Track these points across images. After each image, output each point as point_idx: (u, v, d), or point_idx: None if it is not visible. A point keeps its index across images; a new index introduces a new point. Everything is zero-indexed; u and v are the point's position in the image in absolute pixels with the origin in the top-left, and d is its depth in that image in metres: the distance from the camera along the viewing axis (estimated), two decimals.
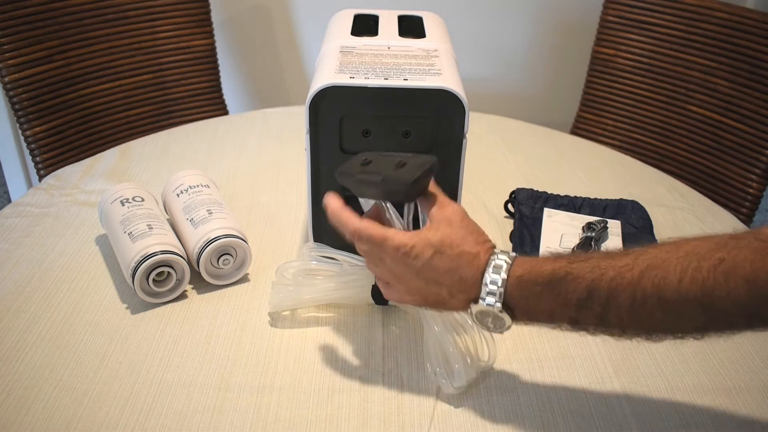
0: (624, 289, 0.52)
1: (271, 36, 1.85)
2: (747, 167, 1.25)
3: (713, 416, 0.65)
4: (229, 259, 0.79)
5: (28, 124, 1.27)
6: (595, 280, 0.53)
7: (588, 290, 0.54)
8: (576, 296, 0.54)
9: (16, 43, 1.23)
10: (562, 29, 1.82)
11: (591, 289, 0.53)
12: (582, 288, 0.54)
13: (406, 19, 0.91)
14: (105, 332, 0.72)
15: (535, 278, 0.56)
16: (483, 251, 0.58)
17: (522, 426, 0.63)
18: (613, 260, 0.54)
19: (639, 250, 0.54)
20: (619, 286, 0.53)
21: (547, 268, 0.56)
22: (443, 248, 0.58)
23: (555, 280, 0.55)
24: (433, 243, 0.58)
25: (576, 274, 0.54)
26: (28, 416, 0.62)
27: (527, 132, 1.24)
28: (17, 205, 0.95)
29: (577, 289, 0.54)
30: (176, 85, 1.46)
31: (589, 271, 0.54)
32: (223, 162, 1.09)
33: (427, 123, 0.73)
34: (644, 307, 0.52)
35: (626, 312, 0.53)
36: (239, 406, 0.64)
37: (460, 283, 0.58)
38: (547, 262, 0.57)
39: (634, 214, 0.92)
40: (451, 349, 0.65)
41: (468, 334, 0.68)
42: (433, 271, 0.59)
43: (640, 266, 0.52)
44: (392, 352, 0.71)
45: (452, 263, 0.58)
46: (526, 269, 0.57)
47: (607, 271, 0.53)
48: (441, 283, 0.59)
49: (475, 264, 0.58)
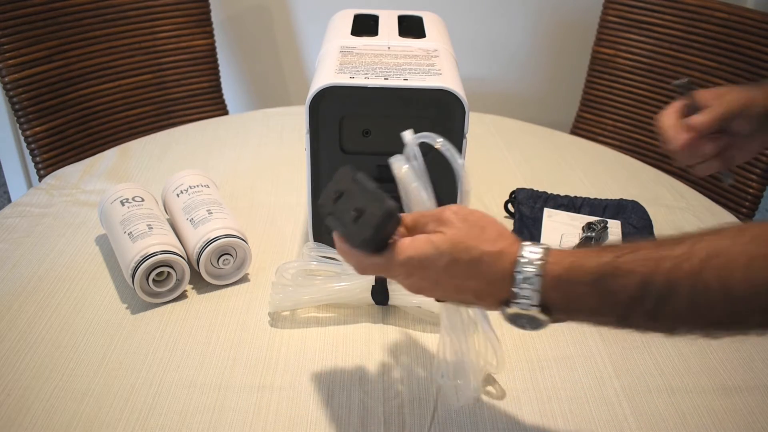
0: (682, 283, 0.47)
1: (271, 36, 1.85)
2: (747, 167, 1.25)
3: (713, 416, 0.65)
4: (229, 259, 0.79)
5: (28, 124, 1.27)
6: (648, 274, 0.47)
7: (641, 286, 0.47)
8: (626, 293, 0.48)
9: (16, 43, 1.23)
10: (562, 29, 1.82)
11: (644, 284, 0.47)
12: (634, 284, 0.48)
13: (406, 19, 0.91)
14: (105, 332, 0.73)
15: (577, 277, 0.49)
16: (506, 247, 0.51)
17: (522, 426, 0.63)
18: (667, 250, 0.48)
19: (694, 237, 0.48)
20: (678, 279, 0.47)
21: (591, 264, 0.49)
22: (456, 253, 0.51)
23: (601, 277, 0.48)
24: (443, 250, 0.51)
25: (626, 268, 0.48)
26: (28, 416, 0.62)
27: (527, 132, 1.24)
28: (17, 205, 0.95)
29: (628, 285, 0.48)
30: (176, 85, 1.46)
31: (641, 264, 0.48)
32: (223, 162, 1.09)
33: (427, 123, 0.73)
34: (706, 301, 0.46)
35: (685, 307, 0.47)
36: (239, 406, 0.64)
37: (486, 287, 0.52)
38: (590, 256, 0.50)
39: (634, 214, 0.92)
40: (465, 363, 0.63)
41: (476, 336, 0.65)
42: (452, 279, 0.52)
43: (698, 255, 0.46)
44: (392, 352, 0.71)
45: (472, 269, 0.51)
46: (564, 267, 0.50)
47: (662, 262, 0.47)
48: (464, 290, 0.53)
49: (500, 264, 0.51)
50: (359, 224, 0.53)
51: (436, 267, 0.52)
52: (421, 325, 0.75)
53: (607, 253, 0.49)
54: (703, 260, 0.46)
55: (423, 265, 0.52)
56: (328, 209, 0.57)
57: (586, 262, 0.49)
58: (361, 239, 0.53)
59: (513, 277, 0.50)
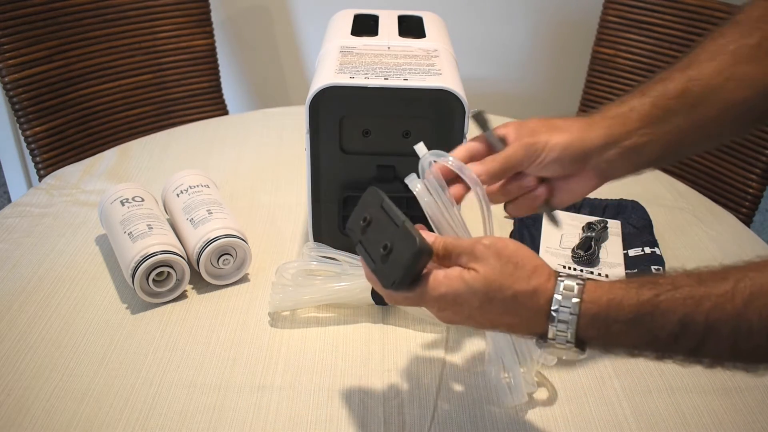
0: (725, 323, 0.46)
1: (271, 36, 1.85)
2: (747, 167, 1.25)
3: (713, 416, 0.65)
4: (229, 259, 0.79)
5: (28, 124, 1.27)
6: (689, 314, 0.46)
7: (681, 325, 0.47)
8: (665, 332, 0.47)
9: (16, 43, 1.23)
10: (563, 29, 1.81)
11: (684, 323, 0.47)
12: (673, 323, 0.47)
13: (406, 19, 0.91)
14: (105, 332, 0.72)
15: (615, 316, 0.48)
16: (541, 284, 0.50)
17: (522, 426, 0.63)
18: (709, 287, 0.47)
19: (737, 273, 0.47)
20: (719, 320, 0.46)
21: (630, 303, 0.48)
22: (491, 293, 0.50)
23: (640, 317, 0.48)
24: (477, 289, 0.50)
25: (665, 307, 0.47)
26: (28, 416, 0.62)
27: None
28: (17, 205, 0.95)
29: (667, 325, 0.47)
30: (176, 85, 1.45)
31: (681, 302, 0.47)
32: (223, 162, 1.09)
33: (427, 123, 0.73)
34: (750, 341, 0.46)
35: (727, 347, 0.47)
36: (239, 406, 0.64)
37: (521, 323, 0.52)
38: (629, 293, 0.49)
39: (634, 214, 0.92)
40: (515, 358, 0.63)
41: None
42: (486, 315, 0.52)
43: (742, 294, 0.45)
44: (392, 352, 0.71)
45: (506, 307, 0.51)
46: (602, 306, 0.49)
47: (703, 301, 0.46)
48: (498, 324, 0.53)
49: (535, 303, 0.50)
50: (389, 263, 0.52)
51: (469, 305, 0.51)
52: (421, 325, 0.75)
53: (646, 291, 0.48)
54: (746, 300, 0.45)
55: (456, 302, 0.51)
56: (357, 237, 0.56)
57: (625, 300, 0.48)
58: (392, 281, 0.52)
59: (549, 315, 0.50)
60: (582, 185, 0.61)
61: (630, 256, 0.84)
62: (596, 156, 0.59)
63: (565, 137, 0.59)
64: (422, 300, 0.53)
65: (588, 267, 0.81)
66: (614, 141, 0.59)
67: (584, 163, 0.59)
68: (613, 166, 0.60)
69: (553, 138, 0.59)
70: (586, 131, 0.59)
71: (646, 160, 0.61)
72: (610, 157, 0.59)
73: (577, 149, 0.59)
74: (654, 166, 0.63)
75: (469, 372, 0.69)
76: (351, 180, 0.76)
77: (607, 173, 0.61)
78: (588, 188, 0.62)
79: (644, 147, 0.59)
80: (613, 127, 0.59)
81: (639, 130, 0.59)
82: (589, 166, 0.60)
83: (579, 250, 0.82)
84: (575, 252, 0.82)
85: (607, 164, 0.60)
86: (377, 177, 0.76)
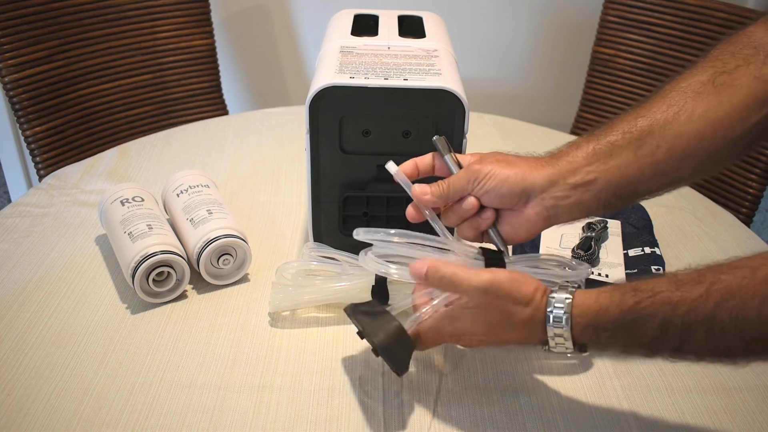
0: (699, 324, 0.50)
1: (271, 36, 1.85)
2: (747, 167, 1.25)
3: (713, 416, 0.65)
4: (229, 259, 0.79)
5: (28, 124, 1.27)
6: (667, 318, 0.51)
7: (661, 328, 0.52)
8: (648, 336, 0.53)
9: (16, 43, 1.23)
10: (562, 29, 1.82)
11: (664, 327, 0.52)
12: (654, 327, 0.52)
13: (406, 19, 0.91)
14: (105, 332, 0.72)
15: (602, 324, 0.55)
16: (533, 305, 0.57)
17: (522, 426, 0.63)
18: (684, 292, 0.51)
19: (712, 277, 0.51)
20: (694, 323, 0.50)
21: (613, 312, 0.54)
22: (492, 316, 0.58)
23: (624, 324, 0.53)
24: (480, 315, 0.58)
25: (646, 314, 0.52)
26: (28, 416, 0.62)
27: (527, 132, 1.24)
28: (17, 205, 0.95)
29: (648, 329, 0.52)
30: (176, 85, 1.46)
31: (660, 308, 0.52)
32: (223, 162, 1.09)
33: (427, 123, 0.73)
34: (723, 339, 0.50)
35: (704, 345, 0.51)
36: (239, 406, 0.64)
37: (528, 338, 0.59)
38: (612, 303, 0.54)
39: (634, 214, 0.92)
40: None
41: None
42: (492, 335, 0.60)
43: (714, 298, 0.50)
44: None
45: (507, 326, 0.58)
46: (590, 318, 0.55)
47: (679, 306, 0.51)
48: (505, 341, 0.61)
49: (532, 321, 0.57)
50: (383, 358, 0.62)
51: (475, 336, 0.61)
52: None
53: (628, 298, 0.53)
54: (718, 302, 0.49)
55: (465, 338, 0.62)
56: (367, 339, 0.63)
57: (610, 309, 0.54)
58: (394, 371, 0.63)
59: (545, 329, 0.57)
60: (526, 221, 0.63)
61: (630, 256, 0.84)
62: (539, 193, 0.62)
63: (509, 171, 0.62)
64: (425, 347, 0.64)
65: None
66: (559, 178, 0.61)
67: (525, 198, 0.62)
68: (560, 204, 0.62)
69: (497, 169, 0.62)
70: (531, 169, 0.62)
71: (596, 200, 0.61)
72: (555, 193, 0.61)
73: (515, 184, 0.62)
74: (608, 208, 0.63)
75: (469, 372, 0.69)
76: (351, 180, 0.76)
77: (554, 212, 0.62)
78: (531, 225, 0.63)
79: (591, 185, 0.61)
80: (561, 165, 0.62)
81: (585, 168, 0.61)
82: (533, 202, 0.62)
83: (579, 250, 0.82)
84: (575, 252, 0.82)
85: (553, 201, 0.62)
86: (377, 177, 0.76)
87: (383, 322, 0.61)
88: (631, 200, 0.63)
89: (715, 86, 0.60)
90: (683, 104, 0.60)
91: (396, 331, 0.60)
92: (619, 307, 0.53)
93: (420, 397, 0.66)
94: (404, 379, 0.68)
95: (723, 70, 0.60)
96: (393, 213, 0.77)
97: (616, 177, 0.60)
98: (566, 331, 0.56)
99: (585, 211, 0.62)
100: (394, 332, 0.60)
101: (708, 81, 0.60)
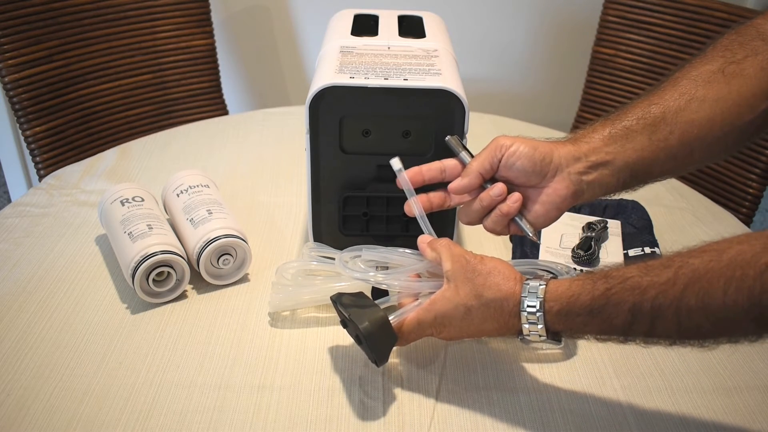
0: (668, 307, 0.52)
1: (271, 36, 1.85)
2: (747, 167, 1.25)
3: (713, 416, 0.65)
4: (229, 259, 0.79)
5: (28, 124, 1.27)
6: (637, 303, 0.53)
7: (631, 313, 0.53)
8: (620, 320, 0.54)
9: (16, 43, 1.23)
10: (562, 29, 1.82)
11: (634, 312, 0.53)
12: (624, 312, 0.54)
13: (406, 19, 0.91)
14: (105, 332, 0.73)
15: (575, 310, 0.56)
16: (508, 292, 0.59)
17: (522, 426, 0.63)
18: (653, 276, 0.53)
19: (680, 261, 0.52)
20: (663, 305, 0.52)
21: (585, 299, 0.55)
22: (470, 302, 0.60)
23: (595, 309, 0.55)
24: (459, 302, 0.61)
25: (616, 299, 0.54)
26: (28, 416, 0.62)
27: (527, 132, 1.23)
28: (17, 205, 0.95)
29: (620, 314, 0.54)
30: (176, 85, 1.46)
31: (630, 292, 0.53)
32: (223, 162, 1.09)
33: (427, 123, 0.73)
34: (690, 321, 0.51)
35: (674, 328, 0.53)
36: (239, 406, 0.64)
37: (502, 327, 0.61)
38: (584, 289, 0.56)
39: (634, 214, 0.92)
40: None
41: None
42: (470, 324, 0.61)
43: (682, 281, 0.51)
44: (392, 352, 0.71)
45: (484, 315, 0.60)
46: (563, 304, 0.57)
47: (648, 290, 0.52)
48: (482, 331, 0.62)
49: (507, 307, 0.59)
50: (366, 348, 0.63)
51: (456, 317, 0.62)
52: None
53: (600, 285, 0.55)
54: (686, 285, 0.51)
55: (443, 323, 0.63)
56: (351, 333, 0.66)
57: (582, 295, 0.56)
58: (373, 360, 0.64)
59: (519, 317, 0.59)
60: (556, 196, 0.64)
61: (630, 256, 0.84)
62: (564, 167, 0.63)
63: (532, 143, 0.65)
64: (421, 329, 0.63)
65: (588, 267, 0.81)
66: (581, 155, 0.63)
67: (552, 172, 0.64)
68: (583, 179, 0.63)
69: (520, 143, 0.65)
70: (552, 146, 0.65)
71: (615, 178, 0.64)
72: (579, 168, 0.63)
73: (544, 154, 0.64)
74: (626, 187, 0.65)
75: (469, 372, 0.69)
76: (351, 180, 0.76)
77: (579, 187, 0.64)
78: (561, 200, 0.64)
79: (611, 164, 0.63)
80: (580, 145, 0.64)
81: (603, 149, 0.63)
82: (559, 177, 0.64)
83: (579, 250, 0.82)
84: (575, 252, 0.82)
85: (578, 176, 0.63)
86: (377, 177, 0.76)
87: (369, 311, 0.62)
88: (645, 180, 0.66)
89: (724, 75, 0.63)
90: (694, 92, 0.63)
91: (381, 321, 0.62)
92: (590, 294, 0.55)
93: (420, 397, 0.66)
94: (404, 379, 0.68)
95: (732, 60, 0.63)
96: (393, 213, 0.77)
97: (633, 158, 0.63)
98: (540, 317, 0.58)
99: (605, 188, 0.64)
100: (379, 321, 0.61)
101: (718, 70, 0.63)
